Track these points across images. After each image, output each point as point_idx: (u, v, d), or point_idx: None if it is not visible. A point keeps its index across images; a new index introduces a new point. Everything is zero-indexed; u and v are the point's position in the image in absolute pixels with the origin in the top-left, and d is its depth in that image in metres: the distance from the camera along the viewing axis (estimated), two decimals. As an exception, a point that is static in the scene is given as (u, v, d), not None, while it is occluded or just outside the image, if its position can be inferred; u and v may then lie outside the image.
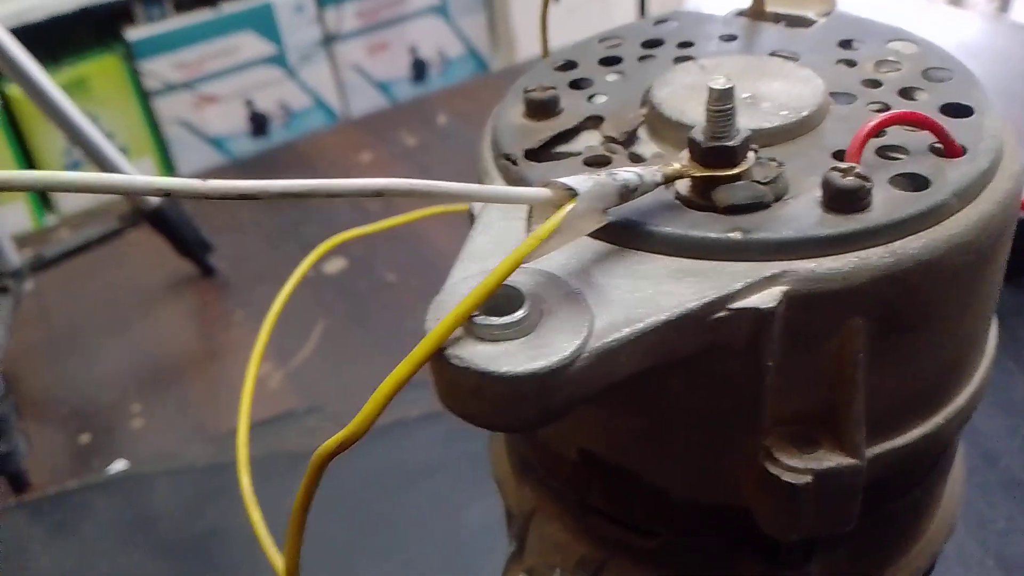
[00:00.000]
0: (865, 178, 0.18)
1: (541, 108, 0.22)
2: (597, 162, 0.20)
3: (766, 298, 0.17)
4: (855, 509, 0.20)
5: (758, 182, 0.18)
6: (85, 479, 0.55)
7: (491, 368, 0.16)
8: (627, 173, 0.17)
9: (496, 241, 0.19)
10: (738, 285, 0.17)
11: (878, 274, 0.17)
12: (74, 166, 1.52)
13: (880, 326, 0.18)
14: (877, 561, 0.24)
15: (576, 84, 0.23)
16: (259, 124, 1.63)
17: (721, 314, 0.17)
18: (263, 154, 0.95)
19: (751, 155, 0.18)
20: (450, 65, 1.77)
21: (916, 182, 0.19)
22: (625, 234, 0.18)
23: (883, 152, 0.20)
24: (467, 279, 0.17)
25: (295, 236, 0.76)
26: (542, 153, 0.21)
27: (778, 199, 0.18)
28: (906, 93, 0.21)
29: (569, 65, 0.24)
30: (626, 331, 0.16)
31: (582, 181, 0.16)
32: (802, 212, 0.18)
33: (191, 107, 1.57)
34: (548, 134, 0.21)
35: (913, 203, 0.18)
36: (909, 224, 0.18)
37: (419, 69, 1.74)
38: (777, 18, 0.24)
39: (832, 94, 0.21)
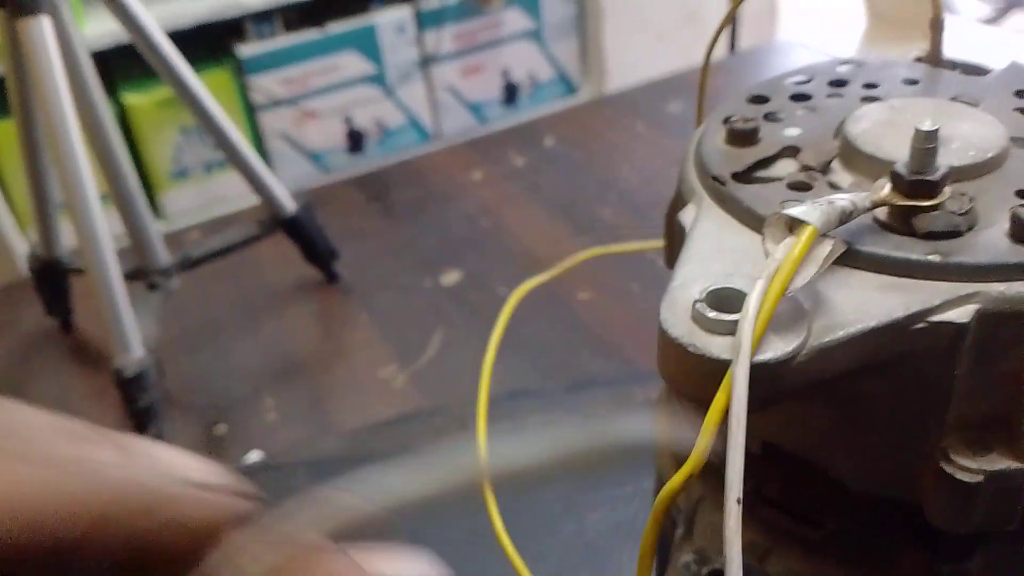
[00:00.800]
0: (1050, 214, 0.20)
1: (743, 137, 0.25)
2: (799, 187, 0.23)
3: (961, 314, 0.20)
4: (1019, 510, 0.22)
5: (953, 213, 0.21)
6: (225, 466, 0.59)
7: (726, 357, 0.18)
8: (843, 201, 0.20)
9: (716, 250, 0.22)
10: (937, 301, 0.20)
11: (1060, 297, 0.20)
12: (181, 174, 1.60)
13: (1058, 344, 0.20)
14: (1026, 566, 0.26)
15: (770, 116, 0.26)
16: (356, 140, 1.70)
17: (921, 325, 0.20)
18: (377, 169, 0.99)
19: (947, 189, 0.21)
20: (540, 89, 1.81)
21: (1093, 217, 0.21)
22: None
23: (1062, 191, 0.22)
24: (694, 280, 0.20)
25: (412, 248, 0.80)
26: (747, 176, 0.24)
27: (970, 229, 0.21)
28: (1078, 138, 0.24)
29: (761, 99, 0.27)
30: (840, 333, 0.19)
31: (810, 211, 0.19)
32: (992, 241, 0.21)
33: (293, 122, 1.64)
34: (750, 160, 0.24)
35: (1091, 236, 0.21)
36: (1088, 254, 0.20)
37: (510, 92, 1.79)
38: (954, 65, 0.27)
39: (1012, 139, 0.23)
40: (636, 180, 0.85)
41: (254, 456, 0.60)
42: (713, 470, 0.28)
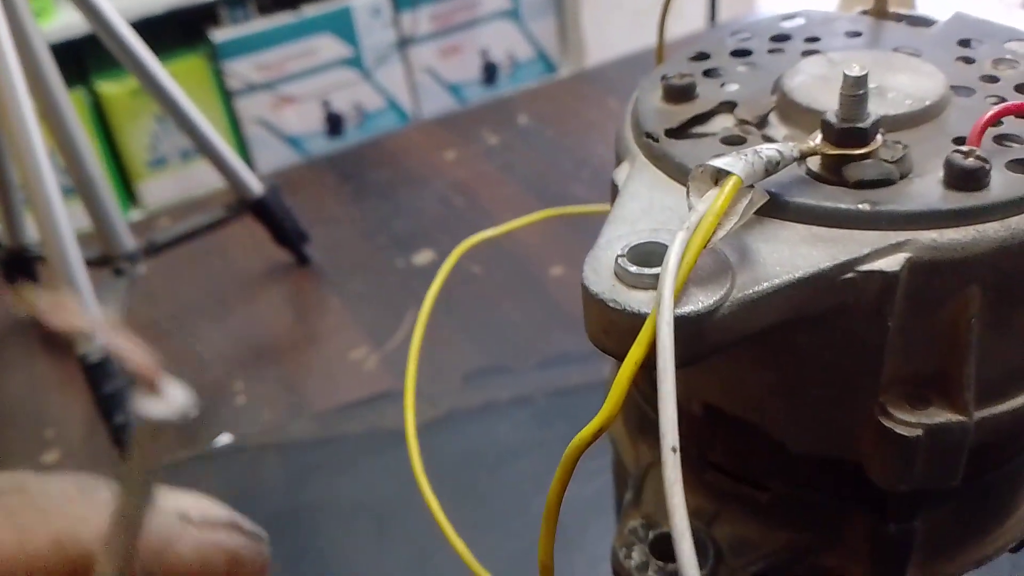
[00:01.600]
0: (985, 160, 0.20)
1: (679, 93, 0.24)
2: (733, 141, 0.22)
3: (891, 263, 0.19)
4: (960, 465, 0.22)
5: (885, 161, 0.20)
6: (192, 451, 0.59)
7: (647, 311, 0.18)
8: (770, 151, 0.19)
9: (645, 209, 0.21)
10: (866, 250, 0.19)
11: (994, 246, 0.19)
12: (158, 163, 1.59)
13: (995, 295, 0.20)
14: (977, 526, 0.26)
15: (709, 73, 0.25)
16: (334, 124, 1.68)
17: (850, 275, 0.19)
18: (351, 150, 0.99)
19: (879, 137, 0.21)
20: (520, 68, 1.80)
21: (1029, 165, 0.21)
22: (764, 204, 0.20)
23: (1000, 140, 0.21)
24: (619, 238, 0.20)
25: (386, 230, 0.79)
26: (681, 133, 0.23)
27: (903, 177, 0.20)
28: (1022, 88, 0.23)
29: (702, 56, 0.26)
30: (765, 285, 0.19)
31: (733, 162, 0.19)
32: (926, 189, 0.20)
33: (270, 107, 1.63)
34: (686, 116, 0.23)
35: (1027, 183, 0.20)
36: (1024, 202, 0.20)
37: (490, 72, 1.78)
38: (899, 18, 0.26)
39: (953, 87, 0.23)
40: (610, 156, 0.84)
41: (224, 439, 0.59)
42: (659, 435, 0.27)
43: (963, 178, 0.20)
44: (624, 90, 0.97)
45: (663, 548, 0.25)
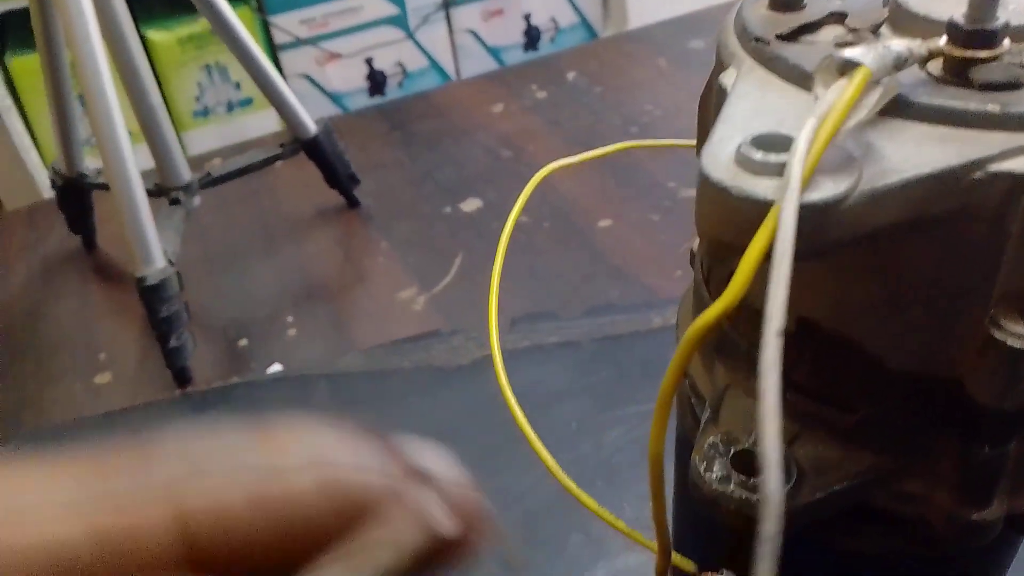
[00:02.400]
0: (1117, 64, 0.19)
1: (786, 3, 0.24)
2: (847, 46, 0.22)
3: (1020, 164, 0.19)
4: (1066, 384, 0.21)
5: (1013, 64, 0.20)
6: (247, 376, 0.59)
7: (769, 198, 0.18)
8: (899, 46, 0.19)
9: (756, 109, 0.21)
10: (995, 150, 0.19)
11: (1125, 151, 0.19)
12: (203, 114, 1.59)
13: (1119, 204, 0.20)
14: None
15: (817, -16, 0.25)
16: (376, 82, 1.68)
17: (978, 175, 0.19)
18: (398, 102, 0.98)
19: (1006, 42, 0.20)
20: (562, 33, 1.78)
21: None
22: (889, 103, 0.20)
23: None
24: (736, 134, 0.19)
25: (433, 178, 0.79)
26: (792, 38, 0.23)
27: (1031, 82, 0.20)
28: None
29: (807, -31, 0.25)
30: (893, 179, 0.18)
31: (864, 53, 0.18)
32: (1053, 94, 0.20)
33: (314, 62, 1.62)
34: (795, 24, 0.23)
35: None
36: None
37: (532, 36, 1.76)
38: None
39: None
40: (658, 114, 0.84)
41: (275, 368, 0.60)
42: (741, 356, 0.27)
43: (1095, 83, 0.19)
44: (672, 50, 0.96)
45: (744, 463, 0.25)
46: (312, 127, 0.69)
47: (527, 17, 1.74)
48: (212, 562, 0.12)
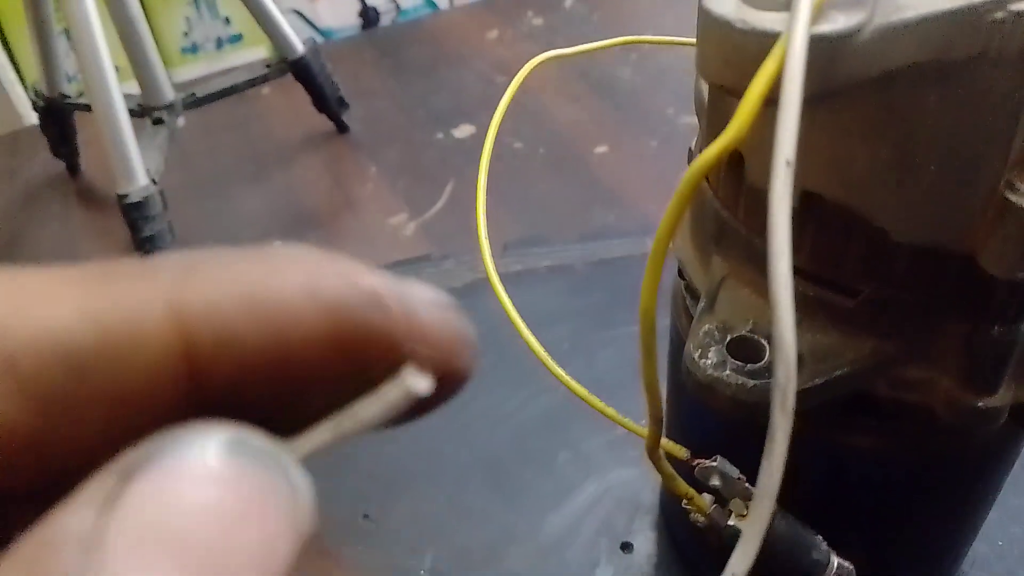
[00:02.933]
0: None
1: None
2: None
3: (1047, 5, 0.17)
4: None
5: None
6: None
7: (778, 30, 0.16)
8: None
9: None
10: (1019, -9, 0.17)
11: None
12: (192, 50, 1.56)
13: None
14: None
15: None
16: (369, 18, 1.64)
17: (999, 15, 0.17)
18: (388, 29, 0.96)
19: None
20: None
21: None
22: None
23: None
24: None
25: (424, 104, 0.77)
26: None
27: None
28: None
29: None
30: (910, 14, 0.17)
31: None
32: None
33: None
34: None
35: None
36: None
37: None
38: None
39: None
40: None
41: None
42: (741, 244, 0.26)
43: None
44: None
45: (741, 349, 0.24)
46: (299, 47, 0.67)
47: None
48: (211, 372, 0.12)
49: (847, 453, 0.28)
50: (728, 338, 0.25)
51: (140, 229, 0.54)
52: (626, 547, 0.41)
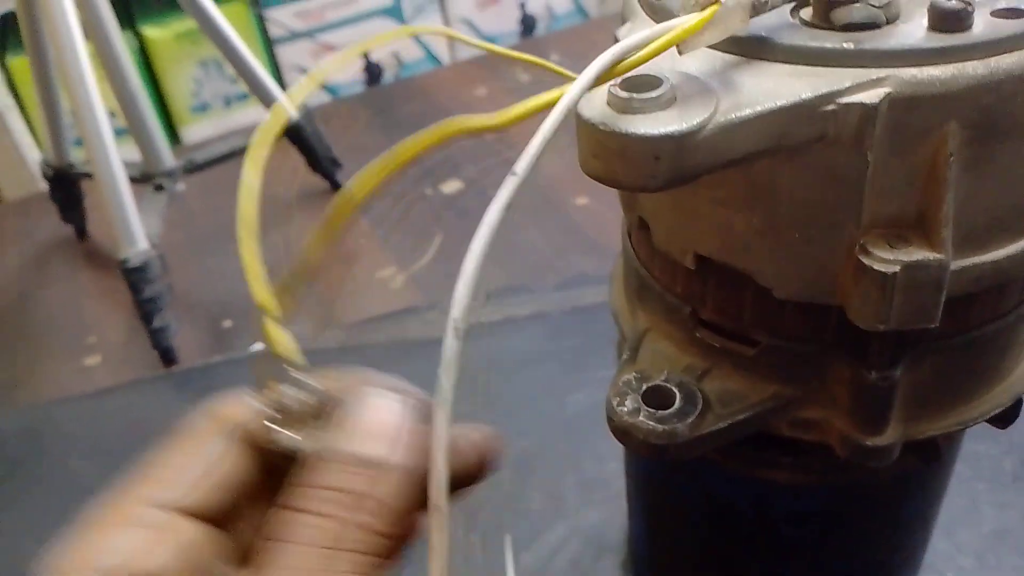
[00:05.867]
0: (967, 2, 0.21)
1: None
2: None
3: (872, 96, 0.20)
4: (938, 306, 0.23)
5: (872, 5, 0.21)
6: (228, 355, 0.61)
7: (634, 131, 0.19)
8: (757, -13, 0.20)
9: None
10: (847, 83, 0.20)
11: (973, 82, 0.20)
12: (201, 108, 1.61)
13: (974, 133, 0.21)
14: (960, 387, 0.27)
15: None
16: (373, 74, 1.69)
17: (831, 107, 0.20)
18: (384, 87, 1.00)
19: (867, -15, 0.21)
20: (558, 21, 1.79)
21: (1014, 13, 0.21)
22: (752, 46, 0.21)
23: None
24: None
25: (415, 160, 0.81)
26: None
27: (889, 22, 0.21)
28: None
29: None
30: (747, 111, 0.20)
31: (722, -10, 0.20)
32: (910, 32, 0.21)
33: (310, 55, 1.64)
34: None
35: (1009, 27, 0.21)
36: (1005, 43, 0.21)
37: (527, 24, 1.77)
38: None
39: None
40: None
41: (257, 346, 0.62)
42: (657, 298, 0.29)
43: (946, 19, 0.21)
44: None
45: (655, 397, 0.27)
46: (293, 112, 0.70)
47: (522, 5, 1.75)
48: None
49: (768, 487, 0.30)
50: (644, 387, 0.27)
51: (141, 291, 0.57)
52: (593, 584, 0.43)
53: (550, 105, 0.19)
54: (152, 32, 1.48)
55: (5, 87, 1.40)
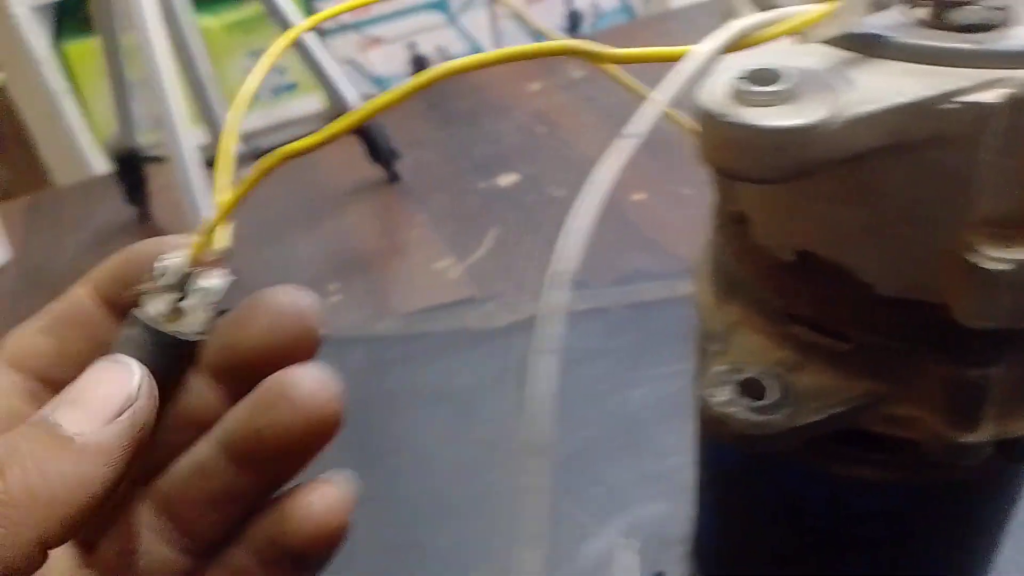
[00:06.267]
0: (1088, 5, 0.21)
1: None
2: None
3: (991, 96, 0.21)
4: (1046, 307, 0.23)
5: (990, 7, 0.21)
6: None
7: (760, 123, 0.20)
8: (879, -15, 0.21)
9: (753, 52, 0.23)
10: (968, 83, 0.21)
11: (1094, 85, 0.21)
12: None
13: (1091, 137, 0.21)
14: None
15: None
16: (419, 67, 1.71)
17: (950, 106, 0.21)
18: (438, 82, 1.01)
19: (983, -13, 0.22)
20: (603, 18, 1.80)
21: None
22: (868, 43, 0.22)
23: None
24: (728, 72, 0.21)
25: (468, 154, 0.82)
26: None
27: (1005, 25, 0.22)
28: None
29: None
30: (870, 107, 0.20)
31: (844, -13, 0.20)
32: (1027, 33, 0.21)
33: (357, 48, 1.66)
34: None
35: None
36: None
37: (573, 20, 1.78)
38: None
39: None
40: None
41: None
42: (749, 294, 0.29)
43: (1065, 23, 0.21)
44: (707, 30, 0.98)
45: (748, 389, 0.27)
46: (355, 102, 0.71)
47: (568, 1, 1.76)
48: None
49: (845, 484, 0.31)
50: (738, 378, 0.28)
51: (207, 274, 0.59)
52: (659, 574, 0.44)
53: (667, 58, 0.20)
54: (204, 21, 1.51)
55: (61, 72, 1.43)
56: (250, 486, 0.23)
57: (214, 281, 0.23)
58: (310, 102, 1.63)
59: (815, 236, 0.25)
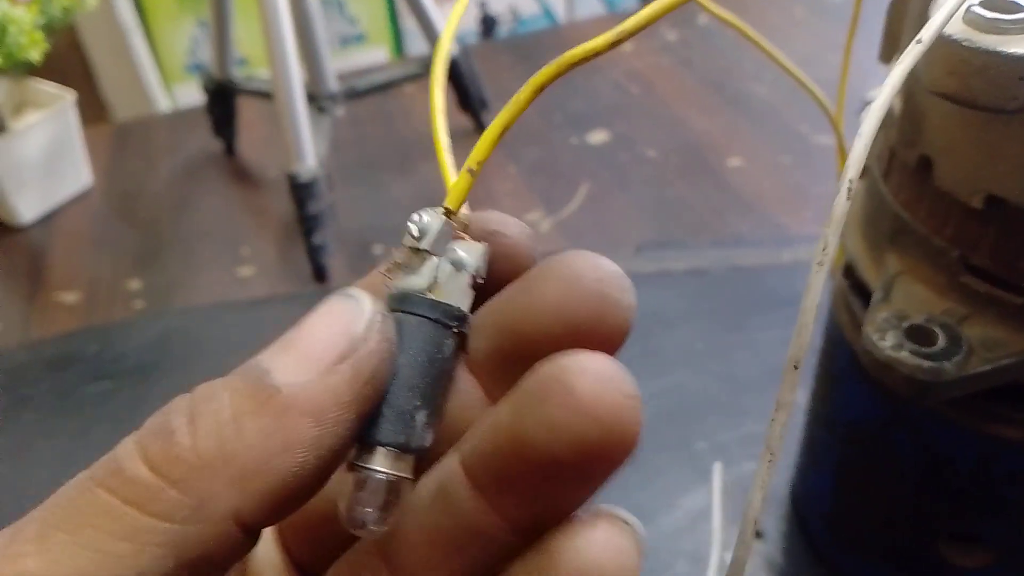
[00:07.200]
0: None
1: None
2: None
3: None
4: None
5: None
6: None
7: (1003, 49, 0.19)
8: None
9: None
10: None
11: None
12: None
13: None
14: None
15: None
16: (488, 25, 1.69)
17: None
18: (528, 35, 1.00)
19: None
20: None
21: None
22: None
23: None
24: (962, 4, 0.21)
25: (561, 109, 0.81)
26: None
27: None
28: None
29: None
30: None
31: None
32: None
33: (429, 2, 1.65)
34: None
35: None
36: None
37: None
38: None
39: None
40: (793, 61, 0.83)
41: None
42: (917, 242, 0.28)
43: None
44: (808, 1, 0.95)
45: (916, 335, 0.27)
46: (454, 48, 0.71)
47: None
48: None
49: (994, 443, 0.30)
50: (905, 324, 0.27)
51: (307, 207, 0.59)
52: (757, 533, 0.43)
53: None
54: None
55: (133, 9, 1.44)
56: (503, 524, 0.16)
57: (476, 248, 0.17)
58: (377, 54, 1.62)
59: (1010, 182, 0.24)
